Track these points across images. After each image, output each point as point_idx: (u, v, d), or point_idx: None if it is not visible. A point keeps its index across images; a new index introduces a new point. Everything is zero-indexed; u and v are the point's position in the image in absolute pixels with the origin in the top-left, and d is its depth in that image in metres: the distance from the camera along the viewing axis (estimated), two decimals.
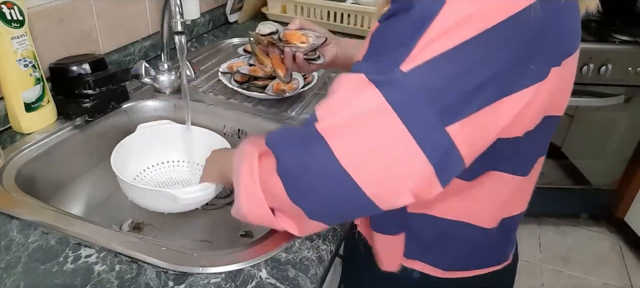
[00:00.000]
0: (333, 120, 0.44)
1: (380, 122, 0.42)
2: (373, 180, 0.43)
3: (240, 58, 1.16)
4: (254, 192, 0.51)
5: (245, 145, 0.54)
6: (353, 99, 0.44)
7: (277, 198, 0.49)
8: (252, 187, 0.51)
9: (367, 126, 0.43)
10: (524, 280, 1.86)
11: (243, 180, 0.52)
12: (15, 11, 0.78)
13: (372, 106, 0.42)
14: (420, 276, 0.64)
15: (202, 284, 0.57)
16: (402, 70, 0.41)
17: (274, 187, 0.49)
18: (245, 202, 0.53)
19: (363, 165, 0.43)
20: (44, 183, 0.82)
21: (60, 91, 0.90)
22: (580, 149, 1.89)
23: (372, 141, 0.43)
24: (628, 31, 1.70)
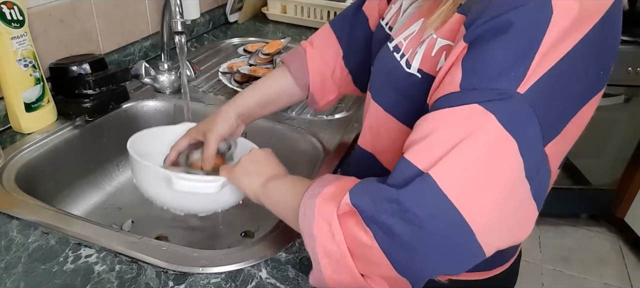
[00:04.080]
0: (448, 163, 0.38)
1: (500, 155, 0.38)
2: (488, 225, 0.38)
3: (240, 58, 1.16)
4: (342, 259, 0.43)
5: (316, 201, 0.45)
6: (470, 135, 0.38)
7: (378, 268, 0.42)
8: (338, 254, 0.43)
9: (487, 162, 0.38)
10: (524, 280, 1.86)
11: (323, 245, 0.44)
12: (15, 11, 0.78)
13: (492, 138, 0.38)
14: None
15: (202, 284, 0.57)
16: (519, 91, 0.38)
17: (372, 257, 0.41)
18: (329, 269, 0.44)
19: (480, 207, 0.38)
20: (44, 184, 0.82)
21: (60, 91, 0.90)
22: (580, 149, 1.88)
23: (490, 179, 0.38)
24: (628, 31, 1.70)
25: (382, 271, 0.42)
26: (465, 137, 0.38)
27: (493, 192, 0.38)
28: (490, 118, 0.38)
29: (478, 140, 0.38)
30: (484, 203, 0.38)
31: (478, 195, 0.38)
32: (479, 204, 0.38)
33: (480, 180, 0.38)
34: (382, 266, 0.41)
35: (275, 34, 1.45)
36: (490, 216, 0.39)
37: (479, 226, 0.38)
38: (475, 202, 0.38)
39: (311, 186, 0.48)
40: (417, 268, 0.41)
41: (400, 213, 0.39)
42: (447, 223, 0.38)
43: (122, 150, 0.99)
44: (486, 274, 0.64)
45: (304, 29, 1.50)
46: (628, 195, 1.94)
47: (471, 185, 0.38)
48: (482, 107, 0.38)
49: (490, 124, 0.38)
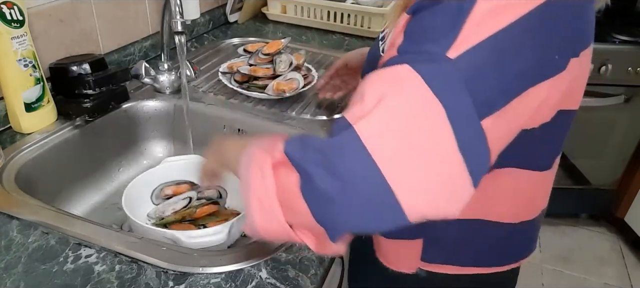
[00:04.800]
0: (373, 114, 0.39)
1: (426, 118, 0.38)
2: (410, 188, 0.39)
3: (240, 58, 1.16)
4: (270, 205, 0.45)
5: (255, 150, 0.47)
6: (396, 92, 0.39)
7: (300, 216, 0.44)
8: (267, 201, 0.45)
9: (412, 122, 0.38)
10: (524, 280, 1.85)
11: (255, 193, 0.46)
12: (15, 11, 0.78)
13: (418, 98, 0.38)
14: (426, 275, 0.64)
15: (202, 284, 0.57)
16: (449, 57, 0.38)
17: (295, 204, 0.43)
18: (260, 216, 0.46)
19: (403, 169, 0.38)
20: (44, 184, 0.82)
21: (60, 91, 0.90)
22: (580, 149, 1.89)
23: (415, 141, 0.38)
24: (628, 31, 1.70)
25: (304, 219, 0.43)
26: (390, 94, 0.39)
27: (417, 154, 0.38)
28: (417, 77, 0.38)
29: (402, 97, 0.39)
30: (406, 164, 0.38)
31: (400, 154, 0.38)
32: (401, 163, 0.38)
33: (403, 139, 0.38)
34: (303, 214, 0.42)
35: (275, 34, 1.45)
36: (413, 178, 0.39)
37: (399, 186, 0.38)
38: (396, 161, 0.38)
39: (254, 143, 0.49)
40: (334, 220, 0.42)
41: (323, 163, 0.40)
42: (365, 178, 0.39)
43: (122, 150, 1.00)
44: (496, 269, 0.64)
45: (304, 29, 1.50)
46: (628, 195, 1.94)
47: (393, 143, 0.38)
48: (410, 66, 0.39)
49: (416, 82, 0.38)
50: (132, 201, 0.76)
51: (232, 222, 0.69)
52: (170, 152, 1.06)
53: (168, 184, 0.85)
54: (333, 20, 1.46)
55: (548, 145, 0.55)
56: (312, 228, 0.45)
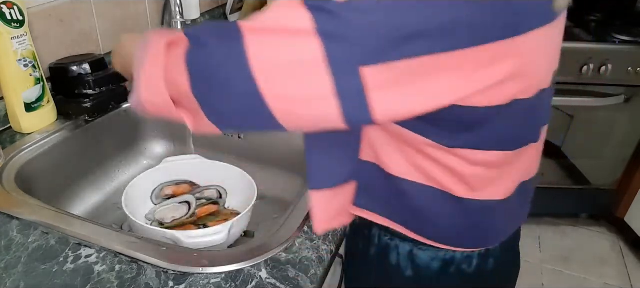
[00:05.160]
0: (257, 24, 0.44)
1: (301, 42, 0.41)
2: (278, 94, 0.43)
3: None
4: (156, 79, 0.49)
5: (152, 34, 0.52)
6: (283, 15, 0.43)
7: (180, 89, 0.48)
8: (155, 74, 0.49)
9: (288, 40, 0.42)
10: (524, 280, 1.85)
11: (146, 67, 0.50)
12: (15, 11, 0.78)
13: (299, 25, 0.41)
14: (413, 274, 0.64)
15: (202, 284, 0.57)
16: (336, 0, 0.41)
17: (178, 77, 0.47)
18: (145, 89, 0.50)
19: (271, 75, 0.43)
20: (44, 184, 0.82)
21: (60, 91, 0.90)
22: (580, 149, 1.89)
23: (287, 55, 0.42)
24: (628, 31, 1.70)
25: (183, 90, 0.47)
26: (282, 16, 0.43)
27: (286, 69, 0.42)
28: (303, 9, 0.42)
29: (288, 20, 0.42)
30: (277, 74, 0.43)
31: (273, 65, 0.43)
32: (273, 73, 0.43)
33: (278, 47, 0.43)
34: (183, 85, 0.47)
35: None
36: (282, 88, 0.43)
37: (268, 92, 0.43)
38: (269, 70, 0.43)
39: None
40: (208, 96, 0.47)
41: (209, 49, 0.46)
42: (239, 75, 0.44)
43: (122, 150, 1.00)
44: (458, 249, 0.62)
45: None
46: (628, 195, 1.94)
47: (269, 50, 0.43)
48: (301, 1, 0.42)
49: (302, 13, 0.42)
50: (132, 201, 0.76)
51: (232, 222, 0.69)
52: (170, 152, 1.06)
53: (168, 184, 0.85)
54: None
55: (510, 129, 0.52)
56: (190, 105, 0.49)
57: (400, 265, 0.64)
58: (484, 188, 0.57)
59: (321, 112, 0.44)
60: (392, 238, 0.65)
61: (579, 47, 1.66)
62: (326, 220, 0.63)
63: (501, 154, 0.54)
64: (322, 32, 0.41)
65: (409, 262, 0.64)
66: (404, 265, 0.64)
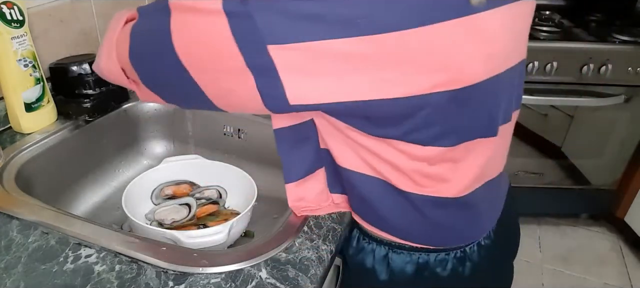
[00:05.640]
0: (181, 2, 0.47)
1: (212, 20, 0.44)
2: (198, 68, 0.48)
3: None
4: (111, 48, 0.56)
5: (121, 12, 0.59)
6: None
7: (123, 58, 0.54)
8: (111, 44, 0.56)
9: (201, 18, 0.45)
10: (524, 280, 1.86)
11: (106, 37, 0.57)
12: (15, 11, 0.78)
13: (210, 6, 0.44)
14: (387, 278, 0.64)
15: (202, 284, 0.57)
16: None
17: (123, 46, 0.53)
18: (103, 57, 0.58)
19: (189, 49, 0.47)
20: (44, 184, 0.82)
21: (60, 91, 0.90)
22: (580, 149, 1.89)
23: (201, 32, 0.46)
24: (628, 31, 1.70)
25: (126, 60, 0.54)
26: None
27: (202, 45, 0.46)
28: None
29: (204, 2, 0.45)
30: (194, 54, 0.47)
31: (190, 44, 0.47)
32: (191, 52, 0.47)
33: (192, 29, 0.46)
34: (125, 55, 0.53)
35: None
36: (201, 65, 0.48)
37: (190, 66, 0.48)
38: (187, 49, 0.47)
39: None
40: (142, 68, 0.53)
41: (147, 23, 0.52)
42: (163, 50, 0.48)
43: (122, 150, 1.00)
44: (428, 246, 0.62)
45: None
46: (628, 195, 1.94)
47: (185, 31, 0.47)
48: None
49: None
50: (132, 201, 0.76)
51: (232, 222, 0.69)
52: (170, 152, 1.06)
53: (168, 184, 0.85)
54: None
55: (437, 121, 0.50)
56: (133, 75, 0.55)
57: (375, 268, 0.65)
58: (433, 184, 0.56)
59: (241, 89, 0.47)
60: (369, 241, 0.65)
61: (579, 47, 1.66)
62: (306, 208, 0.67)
63: (441, 150, 0.52)
64: (229, 11, 0.43)
65: (384, 266, 0.64)
66: (379, 269, 0.64)
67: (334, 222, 0.68)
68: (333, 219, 0.68)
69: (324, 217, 0.68)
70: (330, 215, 0.69)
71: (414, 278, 0.63)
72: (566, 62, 1.65)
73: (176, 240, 0.66)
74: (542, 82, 1.69)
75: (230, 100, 0.50)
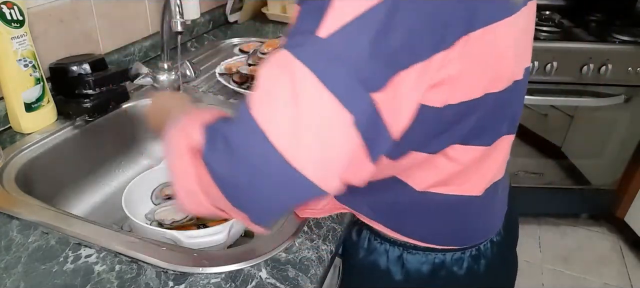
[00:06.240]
0: (258, 101, 0.42)
1: (305, 92, 0.40)
2: (310, 158, 0.41)
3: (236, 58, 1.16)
4: (194, 192, 0.47)
5: (174, 138, 0.49)
6: (278, 76, 0.42)
7: (220, 202, 0.46)
8: (191, 187, 0.47)
9: (294, 100, 0.41)
10: (524, 280, 1.86)
11: (178, 178, 0.48)
12: (15, 11, 0.78)
13: (297, 77, 0.41)
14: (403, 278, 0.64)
15: (202, 284, 0.57)
16: (319, 36, 0.41)
17: (213, 192, 0.45)
18: (187, 201, 0.49)
19: (296, 142, 0.41)
20: (44, 183, 0.82)
21: (60, 91, 0.90)
22: (580, 149, 1.89)
23: (300, 114, 0.40)
24: (628, 31, 1.70)
25: (225, 204, 0.45)
26: (278, 78, 0.42)
27: (307, 128, 0.40)
28: (292, 59, 0.41)
29: (283, 77, 0.41)
30: (300, 140, 0.41)
31: (293, 132, 0.41)
32: (296, 141, 0.41)
33: (292, 116, 0.41)
34: (222, 200, 0.45)
35: (275, 34, 1.45)
36: (311, 153, 0.41)
37: (301, 164, 0.41)
38: (291, 139, 0.41)
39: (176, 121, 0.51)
40: (250, 206, 0.45)
41: (227, 152, 0.43)
42: (268, 161, 0.41)
43: (122, 150, 1.00)
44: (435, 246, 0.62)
45: None
46: (628, 195, 1.94)
47: (285, 123, 0.41)
48: (288, 51, 0.41)
49: (294, 64, 0.41)
50: (132, 201, 0.76)
51: (232, 222, 0.69)
52: None
53: (168, 184, 0.85)
54: None
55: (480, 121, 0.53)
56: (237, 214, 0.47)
57: (390, 269, 0.64)
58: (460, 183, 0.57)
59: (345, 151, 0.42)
60: (382, 242, 0.65)
61: (579, 47, 1.66)
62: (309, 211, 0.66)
63: (481, 149, 0.55)
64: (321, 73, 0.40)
65: (398, 266, 0.64)
66: (394, 270, 0.64)
67: (334, 222, 0.68)
68: (333, 219, 0.68)
69: (324, 217, 0.68)
70: (330, 215, 0.69)
71: (430, 278, 0.63)
72: (566, 62, 1.65)
73: (176, 240, 0.66)
74: (542, 82, 1.69)
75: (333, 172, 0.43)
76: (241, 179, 0.42)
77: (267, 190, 0.43)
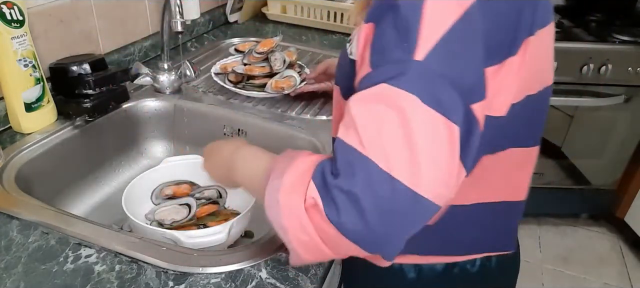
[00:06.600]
0: (368, 139, 0.42)
1: (416, 119, 0.41)
2: (429, 180, 0.41)
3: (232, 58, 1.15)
4: (315, 246, 0.46)
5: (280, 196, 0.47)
6: (385, 112, 0.41)
7: (351, 250, 0.45)
8: (311, 242, 0.46)
9: (407, 130, 0.41)
10: (524, 280, 1.86)
11: (295, 235, 0.47)
12: (15, 11, 0.78)
13: (406, 109, 0.41)
14: (416, 276, 0.64)
15: (202, 284, 0.57)
16: (416, 59, 0.41)
17: (343, 244, 0.44)
18: (306, 253, 0.48)
19: (417, 169, 0.41)
20: (44, 183, 0.82)
21: (60, 91, 0.90)
22: (580, 149, 1.89)
23: (416, 142, 0.41)
24: (628, 31, 1.70)
25: (355, 252, 0.45)
26: (380, 114, 0.42)
27: (421, 151, 0.41)
28: (395, 90, 0.41)
29: (391, 112, 0.41)
30: (419, 166, 0.41)
31: (410, 160, 0.41)
32: (415, 168, 0.41)
33: (405, 144, 0.41)
34: (353, 250, 0.45)
35: (275, 34, 1.45)
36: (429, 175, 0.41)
37: (422, 188, 0.41)
38: (411, 168, 0.41)
39: (271, 176, 0.50)
40: (384, 248, 0.45)
41: (354, 203, 0.42)
42: (396, 198, 0.41)
43: (122, 150, 1.00)
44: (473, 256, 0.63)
45: (304, 29, 1.50)
46: (628, 195, 1.94)
47: (402, 153, 0.41)
48: (387, 84, 0.41)
49: (397, 94, 0.41)
50: (132, 201, 0.76)
51: (232, 222, 0.69)
52: (170, 152, 1.06)
53: (168, 184, 0.85)
54: (333, 20, 1.46)
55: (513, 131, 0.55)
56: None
57: (403, 268, 0.64)
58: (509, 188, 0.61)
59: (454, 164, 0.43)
60: None
61: (579, 47, 1.66)
62: None
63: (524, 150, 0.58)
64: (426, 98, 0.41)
65: (412, 265, 0.64)
66: (407, 268, 0.64)
67: None
68: None
69: None
70: None
71: (443, 276, 0.63)
72: (566, 62, 1.65)
73: (176, 240, 0.66)
74: None
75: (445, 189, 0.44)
76: (378, 230, 0.42)
77: (401, 226, 0.43)
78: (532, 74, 0.51)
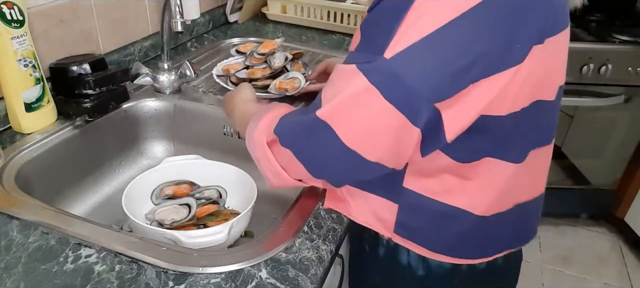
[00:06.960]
0: (331, 106, 0.50)
1: (367, 100, 0.48)
2: (373, 149, 0.50)
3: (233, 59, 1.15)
4: (278, 172, 0.59)
5: (254, 135, 0.60)
6: (345, 86, 0.50)
7: (302, 175, 0.57)
8: (275, 169, 0.59)
9: (358, 106, 0.49)
10: (524, 280, 1.85)
11: (264, 166, 0.60)
12: (15, 11, 0.78)
13: (360, 88, 0.48)
14: (425, 274, 0.64)
15: (202, 284, 0.57)
16: (385, 57, 0.46)
17: (296, 168, 0.56)
18: (275, 180, 0.61)
19: (362, 140, 0.50)
20: (44, 183, 0.82)
21: (60, 91, 0.90)
22: (580, 149, 1.89)
23: (363, 117, 0.49)
24: (628, 31, 1.70)
25: (306, 175, 0.57)
26: (345, 88, 0.50)
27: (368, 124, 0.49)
28: (359, 75, 0.48)
29: (350, 89, 0.49)
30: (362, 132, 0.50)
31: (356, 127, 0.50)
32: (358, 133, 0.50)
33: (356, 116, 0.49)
34: (304, 172, 0.56)
35: (275, 34, 1.45)
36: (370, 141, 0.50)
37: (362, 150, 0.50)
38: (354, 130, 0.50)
39: (252, 118, 0.63)
40: (328, 177, 0.57)
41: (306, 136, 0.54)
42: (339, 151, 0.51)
43: (122, 150, 1.00)
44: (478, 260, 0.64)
45: (304, 29, 1.50)
46: (628, 195, 1.94)
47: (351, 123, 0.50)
48: (356, 66, 0.49)
49: (359, 79, 0.48)
50: (132, 201, 0.76)
51: (232, 222, 0.69)
52: (170, 152, 1.06)
53: (168, 184, 0.85)
54: (333, 20, 1.46)
55: (524, 137, 0.56)
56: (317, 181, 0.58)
57: (411, 265, 0.65)
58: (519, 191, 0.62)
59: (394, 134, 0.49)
60: None
61: (579, 47, 1.66)
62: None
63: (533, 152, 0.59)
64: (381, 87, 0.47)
65: (420, 262, 0.64)
66: (416, 265, 0.64)
67: (333, 222, 0.68)
68: (333, 219, 0.68)
69: (324, 217, 0.68)
70: (330, 215, 0.69)
71: (452, 273, 0.64)
72: None
73: (176, 240, 0.66)
74: None
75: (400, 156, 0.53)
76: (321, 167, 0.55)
77: (343, 170, 0.55)
78: (541, 79, 0.52)
